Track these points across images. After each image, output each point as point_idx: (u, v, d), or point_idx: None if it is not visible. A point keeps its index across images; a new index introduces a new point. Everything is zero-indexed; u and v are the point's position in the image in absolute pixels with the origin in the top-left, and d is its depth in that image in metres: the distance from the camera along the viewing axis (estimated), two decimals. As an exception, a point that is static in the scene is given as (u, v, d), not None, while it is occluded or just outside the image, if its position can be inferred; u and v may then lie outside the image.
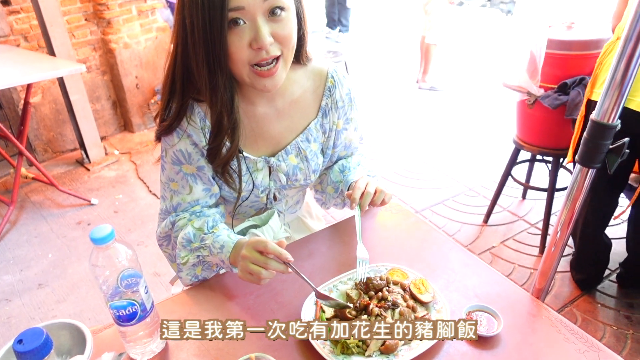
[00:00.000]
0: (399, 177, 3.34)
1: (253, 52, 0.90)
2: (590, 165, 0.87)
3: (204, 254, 1.03)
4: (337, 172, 1.23)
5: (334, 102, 1.15)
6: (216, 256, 1.01)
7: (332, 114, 1.16)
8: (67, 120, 3.65)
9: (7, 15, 3.25)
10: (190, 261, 1.05)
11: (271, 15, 0.89)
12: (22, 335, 0.77)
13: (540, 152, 2.48)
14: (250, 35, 0.89)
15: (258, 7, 0.87)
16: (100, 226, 0.77)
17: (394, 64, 5.78)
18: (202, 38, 0.88)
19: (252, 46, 0.90)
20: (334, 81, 1.14)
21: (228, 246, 0.99)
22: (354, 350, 0.87)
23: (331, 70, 1.14)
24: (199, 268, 1.07)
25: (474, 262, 1.12)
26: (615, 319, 2.14)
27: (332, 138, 1.19)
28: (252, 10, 0.87)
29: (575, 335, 0.93)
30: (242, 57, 0.91)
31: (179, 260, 1.06)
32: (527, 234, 2.71)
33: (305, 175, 1.16)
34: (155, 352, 0.91)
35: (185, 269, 1.07)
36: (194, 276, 1.08)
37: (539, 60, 2.20)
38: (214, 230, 1.03)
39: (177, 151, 1.05)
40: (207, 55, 0.90)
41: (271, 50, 0.91)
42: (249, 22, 0.88)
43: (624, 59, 0.78)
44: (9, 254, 2.70)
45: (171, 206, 1.10)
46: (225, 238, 1.01)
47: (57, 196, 3.20)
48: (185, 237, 1.04)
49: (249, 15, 0.87)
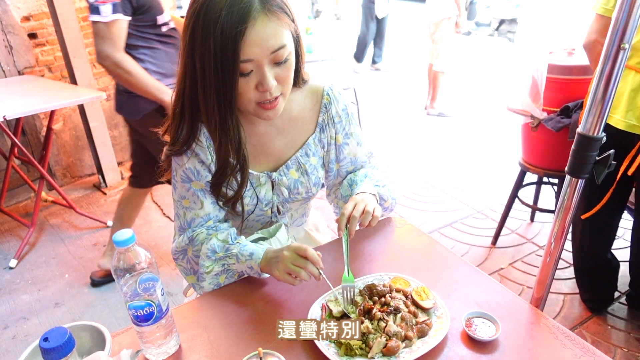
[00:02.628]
0: (408, 200, 3.39)
1: (258, 93, 0.99)
2: (578, 176, 0.92)
3: (230, 262, 1.10)
4: (346, 186, 1.29)
5: (331, 117, 1.22)
6: (244, 264, 1.08)
7: (329, 129, 1.23)
8: (86, 147, 3.79)
9: (34, 48, 3.44)
10: (214, 270, 1.11)
11: (275, 63, 0.98)
12: (47, 333, 0.83)
13: (546, 174, 2.52)
14: (256, 79, 0.98)
15: (265, 58, 0.95)
16: (122, 230, 0.84)
17: (404, 91, 5.90)
18: (213, 84, 0.96)
19: (257, 89, 0.99)
20: (330, 98, 1.21)
21: (258, 253, 1.07)
22: (357, 352, 0.91)
23: (327, 88, 1.22)
24: (223, 277, 1.13)
25: (475, 274, 1.17)
26: (626, 341, 2.13)
27: (332, 152, 1.25)
28: (259, 60, 0.95)
29: (572, 341, 0.96)
30: (249, 97, 1.00)
31: (203, 269, 1.11)
32: (535, 256, 2.72)
33: (307, 188, 1.23)
34: (169, 354, 0.96)
35: (208, 278, 1.12)
36: (217, 284, 1.14)
37: (540, 85, 2.27)
38: (239, 241, 1.12)
39: (187, 169, 1.12)
40: (219, 99, 0.99)
41: (274, 92, 1.00)
42: (256, 70, 0.97)
43: (603, 79, 0.85)
44: (28, 275, 2.78)
45: (185, 222, 1.16)
46: (253, 246, 1.09)
47: (75, 219, 3.30)
48: (210, 248, 1.10)
49: (257, 65, 0.96)
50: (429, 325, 0.97)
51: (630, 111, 1.76)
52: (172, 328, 0.96)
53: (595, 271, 2.26)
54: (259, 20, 0.92)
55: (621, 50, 0.81)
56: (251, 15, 0.91)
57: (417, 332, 0.95)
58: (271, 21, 0.94)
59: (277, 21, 0.95)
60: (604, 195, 1.95)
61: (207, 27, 0.92)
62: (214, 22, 0.91)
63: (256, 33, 0.92)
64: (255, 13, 0.91)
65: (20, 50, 3.38)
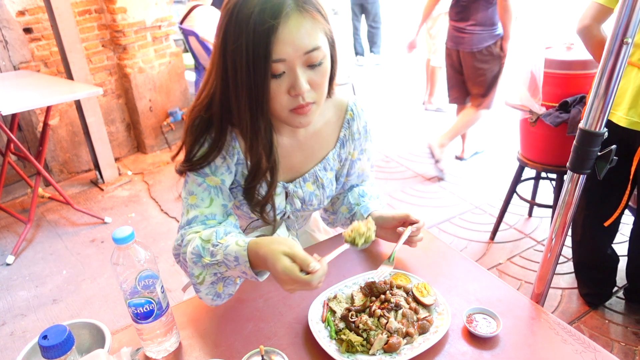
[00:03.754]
0: (406, 195, 3.39)
1: (291, 98, 0.95)
2: (580, 172, 0.92)
3: (221, 270, 0.97)
4: (356, 195, 1.29)
5: (352, 134, 1.20)
6: (235, 269, 0.95)
7: (348, 145, 1.21)
8: (82, 142, 3.78)
9: (29, 43, 3.41)
10: (206, 280, 0.99)
11: (309, 66, 0.93)
12: (46, 331, 0.83)
13: (544, 169, 2.53)
14: (289, 82, 0.93)
15: (298, 59, 0.91)
16: (121, 227, 0.84)
17: (401, 86, 5.89)
18: (245, 85, 0.92)
19: (290, 93, 0.94)
20: (353, 114, 1.19)
21: (242, 256, 0.92)
22: (358, 349, 0.91)
23: (351, 103, 1.19)
24: (220, 285, 1.01)
25: (475, 269, 1.17)
26: (624, 335, 2.14)
27: (346, 167, 1.25)
28: (292, 61, 0.91)
29: (573, 337, 0.96)
30: (281, 103, 0.95)
31: (194, 279, 0.99)
32: (533, 251, 2.73)
33: (320, 200, 1.21)
34: (170, 351, 0.95)
35: (203, 288, 1.00)
36: (216, 295, 1.02)
37: (538, 80, 2.27)
38: (222, 241, 0.96)
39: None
40: (250, 101, 0.94)
41: (307, 97, 0.95)
42: (288, 71, 0.92)
43: (606, 74, 0.84)
44: (25, 271, 2.77)
45: (186, 221, 1.05)
46: (234, 247, 0.94)
47: (72, 215, 3.28)
48: (194, 251, 0.97)
49: (289, 66, 0.91)
50: (430, 322, 0.97)
51: (633, 108, 1.76)
52: (172, 325, 0.95)
53: (595, 266, 2.27)
54: (292, 17, 0.88)
55: (624, 44, 0.81)
56: (284, 11, 0.87)
57: (418, 328, 0.95)
58: (305, 19, 0.90)
59: (312, 20, 0.91)
60: (605, 191, 1.95)
61: (240, 25, 0.89)
62: (247, 20, 0.88)
63: (289, 31, 0.88)
64: (289, 9, 0.88)
65: (15, 45, 3.35)
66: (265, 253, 0.89)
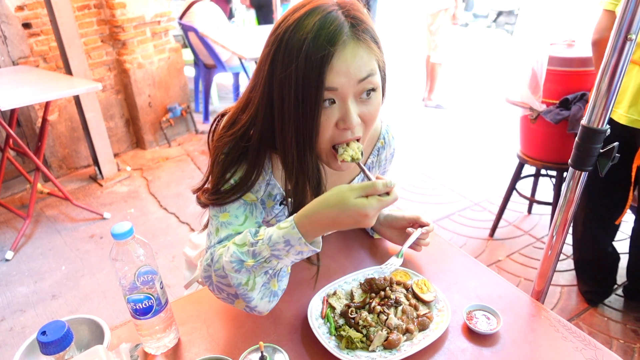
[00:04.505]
0: (406, 192, 3.38)
1: (338, 131, 0.88)
2: (582, 169, 0.92)
3: (272, 265, 0.87)
4: None
5: (379, 161, 1.17)
6: (289, 255, 0.85)
7: (374, 171, 1.19)
8: (81, 138, 3.76)
9: (28, 38, 3.40)
10: (257, 282, 0.87)
11: (361, 97, 0.88)
12: (45, 327, 0.82)
13: (544, 167, 2.52)
14: (339, 115, 0.87)
15: (351, 89, 0.85)
16: (120, 223, 0.83)
17: (401, 83, 5.87)
18: (293, 116, 0.85)
19: (338, 126, 0.88)
20: (384, 142, 1.16)
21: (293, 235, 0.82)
22: (358, 345, 0.90)
23: (384, 131, 1.15)
24: (273, 282, 0.91)
25: (475, 266, 1.16)
26: (623, 333, 2.14)
27: None
28: (345, 91, 0.85)
29: (573, 334, 0.96)
30: (327, 136, 0.89)
31: (243, 289, 0.87)
32: (532, 248, 2.73)
33: None
34: (169, 347, 0.95)
35: (256, 294, 0.88)
36: (272, 295, 0.91)
37: (540, 77, 2.26)
38: (260, 238, 0.86)
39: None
40: (297, 133, 0.87)
41: (356, 132, 0.89)
42: (339, 102, 0.86)
43: (609, 70, 0.84)
44: (24, 267, 2.76)
45: (217, 240, 0.94)
46: (279, 233, 0.84)
47: (71, 211, 3.28)
48: (233, 259, 0.86)
49: (341, 96, 0.85)
50: (429, 318, 0.96)
51: (634, 106, 1.76)
52: (171, 321, 0.95)
53: (595, 264, 2.27)
54: (349, 46, 0.83)
55: (628, 41, 0.80)
56: (341, 39, 0.82)
57: (418, 325, 0.95)
58: (361, 48, 0.84)
59: (368, 49, 0.85)
60: (605, 189, 1.94)
61: (291, 52, 0.83)
62: (299, 47, 0.82)
63: (344, 59, 0.82)
64: (346, 37, 0.82)
65: (14, 40, 3.33)
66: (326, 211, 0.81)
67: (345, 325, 0.95)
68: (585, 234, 2.20)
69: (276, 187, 1.01)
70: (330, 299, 1.01)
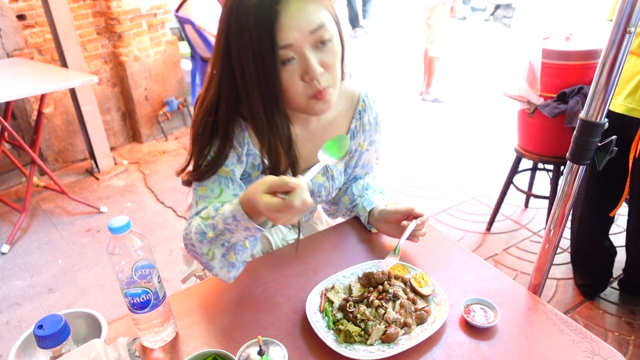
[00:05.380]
0: (403, 186, 3.38)
1: (306, 84, 0.93)
2: (580, 162, 0.91)
3: (227, 238, 0.95)
4: (360, 187, 1.28)
5: (362, 125, 1.18)
6: (239, 230, 0.91)
7: (359, 136, 1.20)
8: (77, 131, 3.74)
9: (22, 30, 3.36)
10: (216, 253, 0.97)
11: (318, 46, 0.91)
12: (42, 321, 0.82)
13: (541, 160, 2.52)
14: (301, 68, 0.91)
15: (305, 42, 0.89)
16: (117, 217, 0.83)
17: (399, 77, 5.86)
18: (255, 81, 0.90)
19: (304, 79, 0.92)
20: (365, 105, 1.17)
21: (238, 211, 0.89)
22: (356, 339, 0.91)
23: (363, 94, 1.17)
24: (231, 254, 0.99)
25: (473, 260, 1.16)
26: (618, 325, 2.16)
27: (354, 158, 1.23)
28: (300, 45, 0.89)
29: (570, 327, 0.96)
30: (297, 91, 0.93)
31: (205, 258, 0.98)
32: (529, 241, 2.74)
33: (328, 192, 1.20)
34: (167, 341, 0.95)
35: (216, 263, 0.98)
36: (230, 265, 0.99)
37: (537, 70, 2.25)
38: (219, 212, 0.94)
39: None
40: (262, 96, 0.92)
41: (322, 81, 0.93)
42: (298, 57, 0.90)
43: (608, 63, 0.84)
44: (20, 260, 2.76)
45: (195, 212, 1.03)
46: (229, 208, 0.91)
47: (68, 204, 3.26)
48: (197, 230, 0.97)
49: (298, 51, 0.90)
50: (427, 312, 0.97)
51: (631, 96, 1.76)
52: (169, 315, 0.95)
53: (592, 258, 2.28)
54: (293, 2, 0.87)
55: (627, 34, 0.80)
56: None
57: (416, 318, 0.95)
58: (305, 1, 0.88)
59: (314, 1, 0.90)
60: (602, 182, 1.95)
61: (241, 21, 0.87)
62: (247, 14, 0.86)
63: (291, 14, 0.87)
64: None
65: (8, 32, 3.30)
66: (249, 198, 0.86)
67: (343, 319, 0.95)
68: (581, 227, 2.21)
69: (257, 157, 1.06)
70: (328, 293, 1.01)
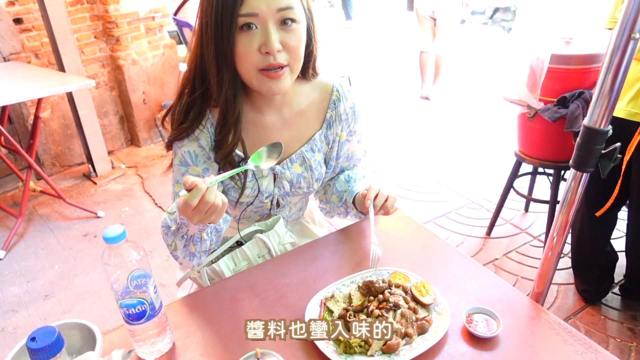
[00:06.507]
0: (403, 190, 3.37)
1: (261, 56, 0.96)
2: (584, 170, 0.90)
3: (184, 231, 1.03)
4: (342, 182, 1.28)
5: (338, 114, 1.20)
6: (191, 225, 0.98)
7: (336, 126, 1.20)
8: (75, 135, 3.72)
9: (19, 33, 3.35)
10: (178, 244, 1.06)
11: (282, 25, 0.95)
12: (35, 333, 0.80)
13: (541, 165, 2.51)
14: (261, 40, 0.95)
15: (271, 15, 0.93)
16: (112, 226, 0.81)
17: (396, 78, 5.85)
18: (212, 37, 0.95)
19: (260, 50, 0.95)
20: (339, 94, 1.19)
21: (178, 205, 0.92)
22: (356, 350, 0.89)
23: (337, 85, 1.20)
24: (191, 245, 1.07)
25: (474, 268, 1.15)
26: (619, 331, 2.14)
27: (335, 149, 1.23)
28: (264, 17, 0.93)
29: (574, 337, 0.95)
30: (252, 60, 0.96)
31: (170, 248, 1.09)
32: (529, 246, 2.72)
33: (309, 183, 1.20)
34: (163, 352, 0.93)
35: (179, 253, 1.08)
36: (191, 255, 1.08)
37: (539, 74, 2.24)
38: None
39: (185, 153, 1.10)
40: (217, 53, 0.97)
41: (278, 57, 0.96)
42: (261, 28, 0.94)
43: (612, 70, 0.82)
44: (16, 266, 2.73)
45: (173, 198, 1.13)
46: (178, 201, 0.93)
47: (64, 209, 3.24)
48: (163, 224, 1.07)
49: (261, 22, 0.94)
50: (429, 322, 0.95)
51: (633, 100, 1.76)
52: (165, 326, 0.93)
53: (593, 263, 2.26)
54: None
55: (631, 40, 0.78)
56: None
57: (417, 328, 0.93)
58: None
59: None
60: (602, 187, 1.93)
61: None
62: None
63: None
64: None
65: (5, 35, 3.28)
66: None
67: (343, 329, 0.93)
68: (582, 233, 2.20)
69: None
70: (328, 303, 0.99)
